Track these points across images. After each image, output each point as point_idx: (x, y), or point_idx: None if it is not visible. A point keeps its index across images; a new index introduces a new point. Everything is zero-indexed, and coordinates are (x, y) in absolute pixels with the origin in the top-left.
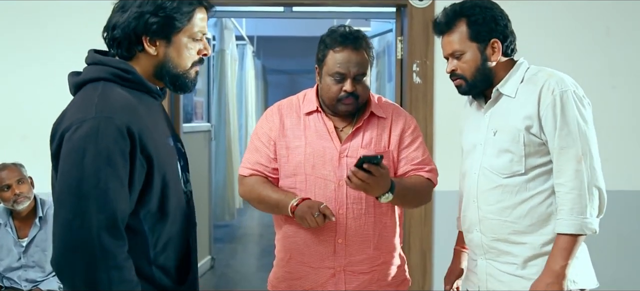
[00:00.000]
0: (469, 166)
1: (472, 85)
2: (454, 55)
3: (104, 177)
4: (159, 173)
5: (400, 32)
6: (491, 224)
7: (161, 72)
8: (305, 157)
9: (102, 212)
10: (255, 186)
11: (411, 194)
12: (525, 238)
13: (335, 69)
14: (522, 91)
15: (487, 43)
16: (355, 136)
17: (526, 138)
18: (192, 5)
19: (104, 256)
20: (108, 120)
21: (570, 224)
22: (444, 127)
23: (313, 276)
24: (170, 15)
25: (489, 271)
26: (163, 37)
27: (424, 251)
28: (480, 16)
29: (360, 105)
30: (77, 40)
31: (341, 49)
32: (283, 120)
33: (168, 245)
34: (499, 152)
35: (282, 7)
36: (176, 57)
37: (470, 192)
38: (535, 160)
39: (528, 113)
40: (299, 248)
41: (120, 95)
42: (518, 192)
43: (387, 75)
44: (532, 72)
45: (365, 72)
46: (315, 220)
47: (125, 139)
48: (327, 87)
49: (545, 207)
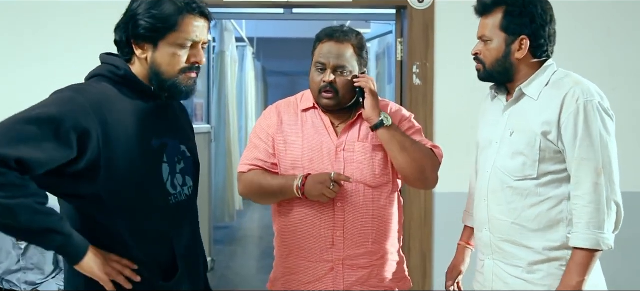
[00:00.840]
0: (482, 163)
1: (489, 73)
2: (482, 38)
3: (26, 130)
4: (121, 168)
5: (400, 34)
6: (499, 224)
7: (150, 77)
8: (302, 151)
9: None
10: (254, 178)
11: (410, 145)
12: (532, 242)
13: (317, 59)
14: (546, 95)
15: (515, 37)
16: (351, 129)
17: (543, 143)
18: (181, 13)
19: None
20: (70, 97)
21: (587, 238)
22: (444, 128)
23: (312, 271)
24: (154, 21)
25: (496, 271)
26: (150, 41)
27: (424, 253)
28: (518, 10)
29: (341, 101)
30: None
31: (327, 40)
32: (281, 116)
33: (143, 240)
34: (513, 153)
35: (282, 9)
36: (162, 63)
37: (481, 190)
38: (549, 167)
39: (548, 119)
40: (298, 243)
41: (102, 87)
42: (528, 195)
43: (387, 76)
44: (559, 77)
45: (345, 65)
46: (333, 191)
47: (70, 117)
48: (311, 78)
49: (555, 213)
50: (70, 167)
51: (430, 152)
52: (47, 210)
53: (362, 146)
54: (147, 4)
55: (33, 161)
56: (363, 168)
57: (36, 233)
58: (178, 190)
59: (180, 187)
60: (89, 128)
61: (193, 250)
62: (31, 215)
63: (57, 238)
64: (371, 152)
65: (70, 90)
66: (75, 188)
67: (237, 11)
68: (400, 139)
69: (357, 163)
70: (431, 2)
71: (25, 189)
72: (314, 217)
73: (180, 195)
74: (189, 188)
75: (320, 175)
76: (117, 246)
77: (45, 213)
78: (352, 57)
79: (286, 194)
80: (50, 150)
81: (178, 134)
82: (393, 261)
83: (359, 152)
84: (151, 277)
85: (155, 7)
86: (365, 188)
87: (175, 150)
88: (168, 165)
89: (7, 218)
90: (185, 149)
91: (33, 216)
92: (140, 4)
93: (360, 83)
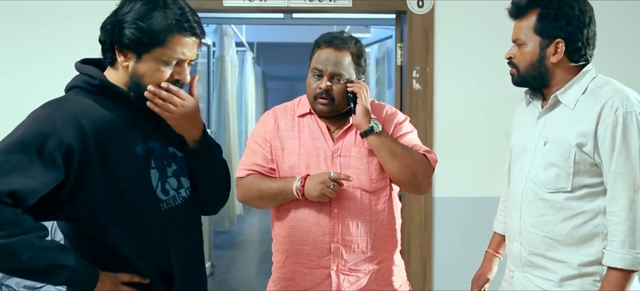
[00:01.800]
0: (516, 172)
1: (523, 78)
2: (517, 42)
3: (12, 160)
4: (107, 180)
5: (400, 39)
6: (531, 237)
7: (130, 86)
8: (299, 157)
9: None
10: (253, 183)
11: (401, 151)
12: (564, 256)
13: (314, 65)
14: (583, 104)
15: (550, 41)
16: (347, 135)
17: (577, 155)
18: (170, 31)
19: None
20: (47, 115)
21: (622, 258)
22: (443, 133)
23: (309, 277)
24: (140, 33)
25: (525, 284)
26: (133, 52)
27: (424, 258)
28: (553, 12)
29: (337, 108)
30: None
31: (325, 46)
32: (278, 122)
33: (139, 250)
34: (547, 164)
35: (282, 13)
36: (144, 76)
37: (515, 201)
38: (584, 180)
39: (584, 130)
40: (295, 249)
41: (78, 99)
42: (561, 208)
43: (387, 81)
44: (597, 84)
45: (342, 72)
46: (333, 191)
47: (53, 136)
48: (308, 83)
49: (591, 227)
50: (60, 191)
51: (422, 157)
52: (49, 244)
53: (358, 151)
54: (135, 13)
55: (26, 191)
56: (359, 173)
57: (41, 271)
58: (171, 194)
59: (175, 190)
60: (71, 145)
61: (192, 255)
62: (34, 252)
63: (64, 273)
64: (367, 157)
65: (46, 107)
66: (66, 211)
67: (237, 16)
68: (390, 145)
69: (354, 168)
70: (431, 6)
71: (22, 224)
72: (312, 223)
73: (173, 200)
74: (186, 189)
75: (320, 174)
76: (115, 259)
77: (48, 247)
78: (349, 64)
79: (285, 196)
80: (40, 175)
81: (164, 136)
82: (392, 266)
83: (355, 157)
84: (152, 286)
85: (143, 19)
86: (362, 193)
87: (163, 153)
88: (157, 171)
89: (8, 260)
90: (174, 151)
91: (36, 253)
92: (128, 11)
93: (353, 88)
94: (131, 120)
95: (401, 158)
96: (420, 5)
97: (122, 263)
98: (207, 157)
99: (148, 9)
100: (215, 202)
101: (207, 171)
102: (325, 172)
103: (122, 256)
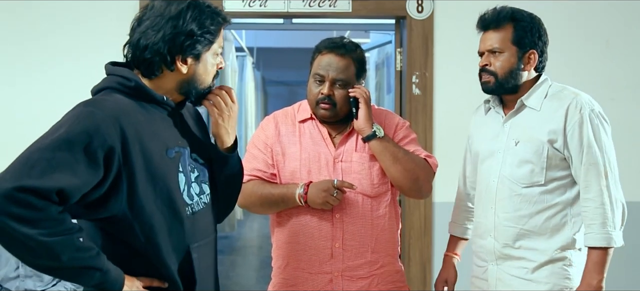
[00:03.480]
0: (485, 173)
1: (500, 84)
2: (492, 51)
3: (58, 157)
4: (141, 182)
5: (400, 44)
6: (506, 231)
7: (188, 88)
8: (301, 162)
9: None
10: (254, 188)
11: (403, 155)
12: (538, 245)
13: (316, 71)
14: (548, 106)
15: (525, 51)
16: (348, 140)
17: (549, 151)
18: (220, 24)
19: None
20: (90, 113)
21: (601, 238)
22: (443, 138)
23: (311, 282)
24: (203, 35)
25: (500, 276)
26: (195, 55)
27: (423, 263)
28: (529, 25)
29: (339, 113)
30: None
31: (326, 52)
32: (278, 127)
33: (165, 253)
34: (520, 162)
35: (281, 19)
36: (203, 73)
37: (488, 199)
38: (555, 173)
39: (553, 128)
40: (296, 254)
41: (115, 98)
42: (536, 201)
43: (387, 86)
44: (557, 89)
45: (344, 78)
46: (336, 198)
47: (97, 135)
48: (309, 89)
49: (560, 218)
50: (96, 191)
51: (423, 162)
52: (86, 245)
53: (359, 156)
54: (198, 22)
55: (72, 189)
56: (361, 178)
57: (76, 272)
58: (195, 199)
59: (197, 195)
60: (113, 145)
61: (209, 260)
62: (73, 252)
63: (96, 275)
64: (368, 162)
65: (87, 105)
66: (100, 211)
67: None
68: (392, 150)
69: (355, 173)
70: (430, 12)
71: (65, 223)
72: (313, 228)
73: (197, 205)
74: (207, 195)
75: (323, 182)
76: (140, 263)
77: (85, 249)
78: (351, 70)
79: (288, 203)
80: (84, 173)
81: (188, 142)
82: (392, 270)
83: (357, 162)
84: (174, 289)
85: (204, 21)
86: (363, 198)
87: (189, 158)
88: (184, 175)
89: (47, 259)
90: (197, 157)
91: (74, 254)
92: (186, 21)
93: (355, 93)
94: (163, 123)
95: (403, 163)
96: (420, 10)
97: (144, 266)
98: (234, 165)
99: (199, 10)
100: (226, 211)
101: (232, 179)
102: (328, 180)
103: (145, 258)
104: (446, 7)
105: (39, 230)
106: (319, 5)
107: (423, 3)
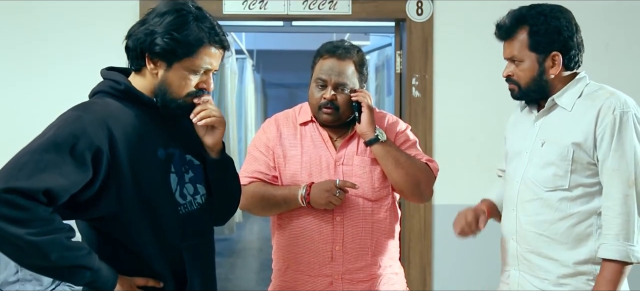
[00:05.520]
0: (512, 173)
1: (525, 93)
2: (513, 59)
3: (45, 159)
4: (130, 182)
5: (400, 46)
6: (527, 235)
7: (158, 93)
8: (302, 165)
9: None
10: (256, 190)
11: (405, 160)
12: (559, 255)
13: (318, 75)
14: (580, 106)
15: (547, 54)
16: (350, 143)
17: (575, 154)
18: (201, 42)
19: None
20: (77, 116)
21: (616, 250)
22: (443, 140)
23: (311, 285)
24: (175, 43)
25: (521, 283)
26: (164, 60)
27: (423, 266)
28: (543, 27)
29: (341, 117)
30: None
31: (328, 56)
32: (280, 129)
33: (158, 252)
34: (545, 164)
35: (281, 21)
36: (172, 84)
37: (511, 200)
38: (581, 179)
39: (583, 129)
40: (296, 257)
41: (105, 102)
42: (558, 208)
43: (386, 89)
44: (593, 88)
45: (346, 82)
46: (339, 198)
47: (84, 137)
48: (311, 93)
49: (585, 227)
50: (86, 191)
51: (425, 166)
52: (76, 245)
53: (360, 160)
54: (169, 24)
55: (59, 189)
56: (362, 181)
57: (65, 271)
58: (188, 199)
59: (191, 196)
60: (100, 146)
61: (204, 260)
62: (62, 251)
63: (87, 274)
64: (370, 166)
65: (75, 110)
66: (91, 211)
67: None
68: (395, 154)
69: (356, 176)
70: (430, 14)
71: (53, 223)
72: (313, 231)
73: (190, 205)
74: (202, 196)
75: (326, 182)
76: (132, 260)
77: (75, 248)
78: (353, 74)
79: (290, 204)
80: (72, 174)
81: (183, 144)
82: (392, 273)
83: (358, 166)
84: (166, 287)
85: (178, 30)
86: (364, 201)
87: (182, 159)
88: (176, 175)
89: (37, 258)
90: (191, 158)
91: (63, 253)
92: (161, 21)
93: (357, 97)
94: (154, 124)
95: (405, 167)
96: (420, 13)
97: (139, 265)
98: (226, 168)
99: (182, 21)
100: (226, 214)
101: (225, 182)
102: (330, 180)
103: (139, 257)
104: (446, 10)
105: (28, 230)
106: (318, 7)
107: (423, 5)
